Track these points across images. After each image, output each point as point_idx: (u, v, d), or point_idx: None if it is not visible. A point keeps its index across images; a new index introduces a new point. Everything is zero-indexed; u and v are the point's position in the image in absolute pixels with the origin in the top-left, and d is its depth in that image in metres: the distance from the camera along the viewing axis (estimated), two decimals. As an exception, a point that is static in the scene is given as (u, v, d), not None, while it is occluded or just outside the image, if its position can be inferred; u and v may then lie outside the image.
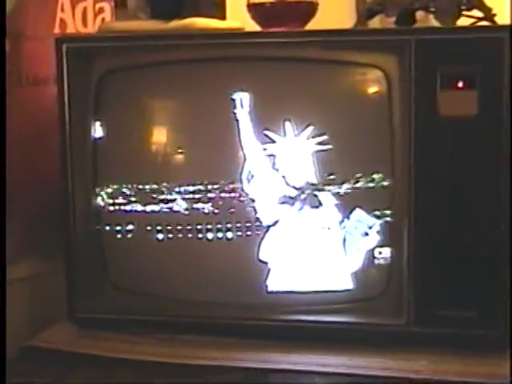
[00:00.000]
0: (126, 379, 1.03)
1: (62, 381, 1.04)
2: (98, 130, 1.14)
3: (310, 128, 1.07)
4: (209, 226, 1.12)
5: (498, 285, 1.02)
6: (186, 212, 1.12)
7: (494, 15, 1.17)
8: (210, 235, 1.12)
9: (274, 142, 1.09)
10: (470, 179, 1.02)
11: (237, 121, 1.09)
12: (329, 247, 1.10)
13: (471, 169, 1.02)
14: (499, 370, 0.99)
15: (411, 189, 1.03)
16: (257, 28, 1.21)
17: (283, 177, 1.10)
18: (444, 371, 1.00)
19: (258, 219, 1.11)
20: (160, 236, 1.13)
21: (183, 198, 1.12)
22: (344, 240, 1.09)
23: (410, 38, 1.02)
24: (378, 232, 1.07)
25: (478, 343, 1.04)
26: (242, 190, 1.10)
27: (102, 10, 1.42)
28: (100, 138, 1.14)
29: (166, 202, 1.12)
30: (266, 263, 1.12)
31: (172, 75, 1.12)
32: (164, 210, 1.12)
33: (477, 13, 1.19)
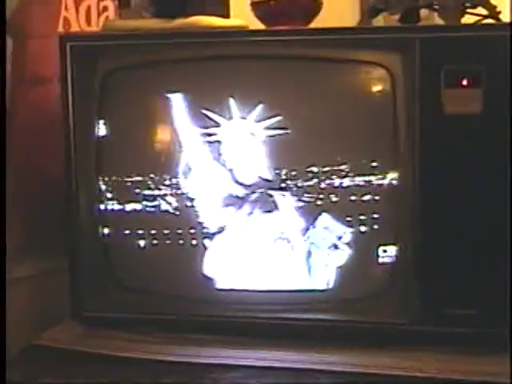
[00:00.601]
0: (130, 378, 1.03)
1: (67, 379, 1.04)
2: (101, 129, 1.14)
3: (260, 107, 1.02)
4: (140, 232, 1.13)
5: (502, 284, 1.02)
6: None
7: (499, 13, 1.17)
8: (142, 242, 1.13)
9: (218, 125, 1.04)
10: (475, 177, 1.02)
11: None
12: (288, 263, 1.06)
13: (476, 166, 1.01)
14: (503, 368, 0.98)
15: (416, 186, 1.03)
16: (261, 26, 1.21)
17: (230, 171, 1.04)
18: (448, 369, 1.00)
19: (201, 224, 1.07)
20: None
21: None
22: (308, 254, 1.06)
23: (414, 36, 1.02)
24: (348, 244, 1.04)
25: (483, 341, 1.03)
26: (179, 186, 1.08)
27: (105, 8, 1.42)
28: (104, 137, 1.14)
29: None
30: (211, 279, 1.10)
31: (176, 73, 1.11)
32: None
33: (481, 10, 1.19)
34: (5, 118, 1.18)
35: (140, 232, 1.14)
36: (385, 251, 1.07)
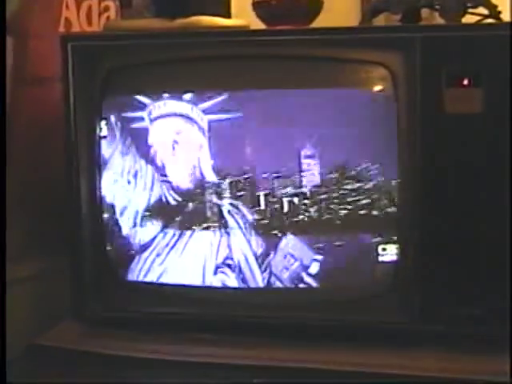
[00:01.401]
0: (132, 377, 1.04)
1: (68, 379, 1.04)
2: (103, 129, 1.14)
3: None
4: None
5: (505, 283, 1.02)
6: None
7: (500, 12, 1.17)
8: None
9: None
10: (476, 176, 1.02)
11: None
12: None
13: (477, 166, 1.01)
14: (506, 368, 0.98)
15: (416, 186, 1.03)
16: (262, 26, 1.21)
17: (158, 169, 1.01)
18: (450, 369, 1.00)
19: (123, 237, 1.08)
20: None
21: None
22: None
23: (415, 35, 1.02)
24: (315, 276, 1.01)
25: (485, 341, 1.03)
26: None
27: (106, 8, 1.42)
28: (105, 137, 1.14)
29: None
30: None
31: (177, 73, 1.11)
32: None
33: (482, 10, 1.19)
34: (5, 118, 1.18)
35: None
36: (384, 249, 1.07)
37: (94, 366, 1.07)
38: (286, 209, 1.05)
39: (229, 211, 1.03)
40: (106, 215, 1.16)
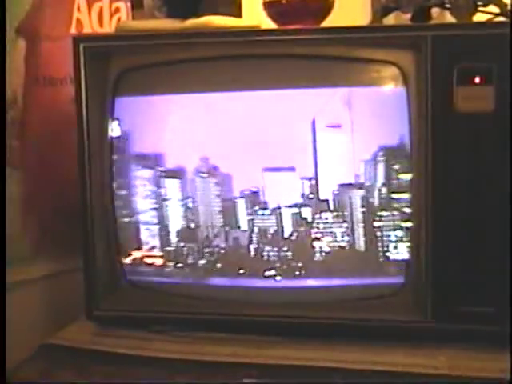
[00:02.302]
0: (144, 376, 1.04)
1: (81, 378, 1.04)
2: (115, 129, 1.14)
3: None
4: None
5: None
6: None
7: (510, 11, 1.17)
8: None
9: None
10: (488, 175, 1.01)
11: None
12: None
13: (489, 165, 1.01)
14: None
15: (429, 185, 1.03)
16: (273, 26, 1.21)
17: None
18: (462, 367, 1.00)
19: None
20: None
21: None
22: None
23: (426, 34, 1.02)
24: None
25: (497, 339, 1.03)
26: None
27: (117, 9, 1.43)
28: (117, 137, 1.15)
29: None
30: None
31: (189, 73, 1.12)
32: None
33: (493, 8, 1.19)
34: (5, 118, 1.18)
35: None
36: (395, 248, 1.07)
37: (106, 365, 1.07)
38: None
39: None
40: (118, 216, 1.16)
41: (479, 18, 1.18)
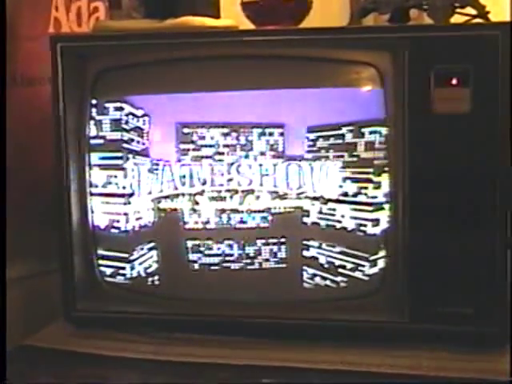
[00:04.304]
0: (123, 378, 1.04)
1: (59, 380, 1.04)
2: (93, 130, 1.14)
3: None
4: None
5: (494, 282, 1.02)
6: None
7: (488, 13, 1.17)
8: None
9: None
10: (465, 176, 1.02)
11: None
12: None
13: (465, 166, 1.02)
14: (497, 366, 0.99)
15: (406, 186, 1.03)
16: (251, 26, 1.21)
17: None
18: (441, 368, 1.00)
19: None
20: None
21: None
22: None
23: (404, 35, 1.03)
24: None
25: (476, 340, 1.04)
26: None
27: (96, 9, 1.42)
28: (95, 137, 1.14)
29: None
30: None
31: (167, 73, 1.12)
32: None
33: (470, 10, 1.19)
34: (5, 118, 1.18)
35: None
36: (375, 249, 1.08)
37: (84, 367, 1.07)
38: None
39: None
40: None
41: (457, 19, 1.18)
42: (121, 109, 1.13)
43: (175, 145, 1.11)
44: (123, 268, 1.16)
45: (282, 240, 1.10)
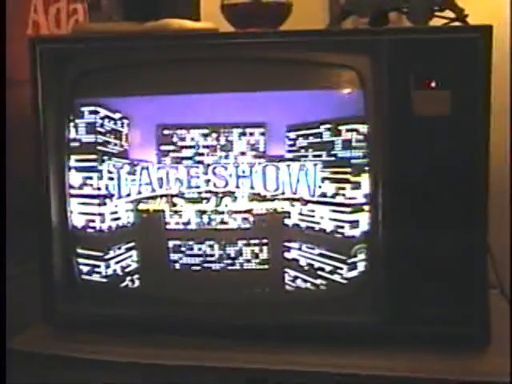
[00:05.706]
0: (104, 380, 1.03)
1: (39, 382, 1.03)
2: (72, 132, 1.13)
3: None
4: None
5: (472, 283, 1.03)
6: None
7: (466, 16, 1.18)
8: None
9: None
10: (444, 178, 1.03)
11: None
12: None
13: (445, 167, 1.02)
14: (475, 367, 1.00)
15: (385, 188, 1.04)
16: (231, 29, 1.21)
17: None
18: (420, 368, 1.01)
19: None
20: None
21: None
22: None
23: (383, 38, 1.03)
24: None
25: (454, 340, 1.05)
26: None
27: (75, 11, 1.42)
28: (74, 139, 1.14)
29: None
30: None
31: (146, 76, 1.11)
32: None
33: (449, 13, 1.20)
34: (5, 118, 1.17)
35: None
36: (354, 251, 1.08)
37: (65, 370, 1.06)
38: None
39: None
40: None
41: (435, 22, 1.19)
42: (95, 112, 1.12)
43: (155, 147, 1.11)
44: (98, 266, 1.15)
45: (264, 241, 1.10)
